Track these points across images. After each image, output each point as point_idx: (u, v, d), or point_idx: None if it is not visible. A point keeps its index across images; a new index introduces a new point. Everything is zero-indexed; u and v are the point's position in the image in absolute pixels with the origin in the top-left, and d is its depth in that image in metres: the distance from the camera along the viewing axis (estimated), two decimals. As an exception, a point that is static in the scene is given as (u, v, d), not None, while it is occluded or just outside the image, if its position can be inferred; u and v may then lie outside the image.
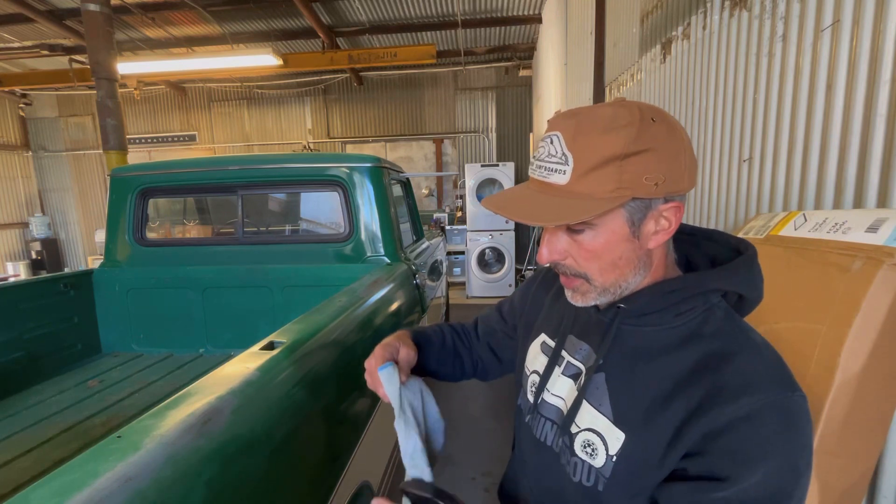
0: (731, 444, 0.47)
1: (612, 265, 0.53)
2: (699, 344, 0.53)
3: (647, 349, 0.56)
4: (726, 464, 0.47)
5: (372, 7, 5.85)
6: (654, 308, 0.56)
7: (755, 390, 0.48)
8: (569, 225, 0.52)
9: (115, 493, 0.51)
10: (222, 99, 8.58)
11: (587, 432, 0.57)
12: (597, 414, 0.57)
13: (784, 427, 0.47)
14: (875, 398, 0.86)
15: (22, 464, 1.31)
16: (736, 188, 1.61)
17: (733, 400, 0.48)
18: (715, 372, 0.50)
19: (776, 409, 0.47)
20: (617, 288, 0.55)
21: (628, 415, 0.54)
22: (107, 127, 4.13)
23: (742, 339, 0.53)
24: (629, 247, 0.53)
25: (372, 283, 1.64)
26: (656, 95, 2.35)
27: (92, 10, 3.94)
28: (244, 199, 2.28)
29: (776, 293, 1.12)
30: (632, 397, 0.55)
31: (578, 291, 0.57)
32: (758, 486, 0.46)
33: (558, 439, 0.62)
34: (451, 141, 8.29)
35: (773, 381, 0.49)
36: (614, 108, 0.50)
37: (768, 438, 0.46)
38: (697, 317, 0.55)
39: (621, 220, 0.51)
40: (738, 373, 0.50)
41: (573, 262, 0.55)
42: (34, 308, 1.97)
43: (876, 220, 0.91)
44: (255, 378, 0.82)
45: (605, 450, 0.55)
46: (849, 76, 1.11)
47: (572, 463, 0.59)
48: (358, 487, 1.15)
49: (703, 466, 0.48)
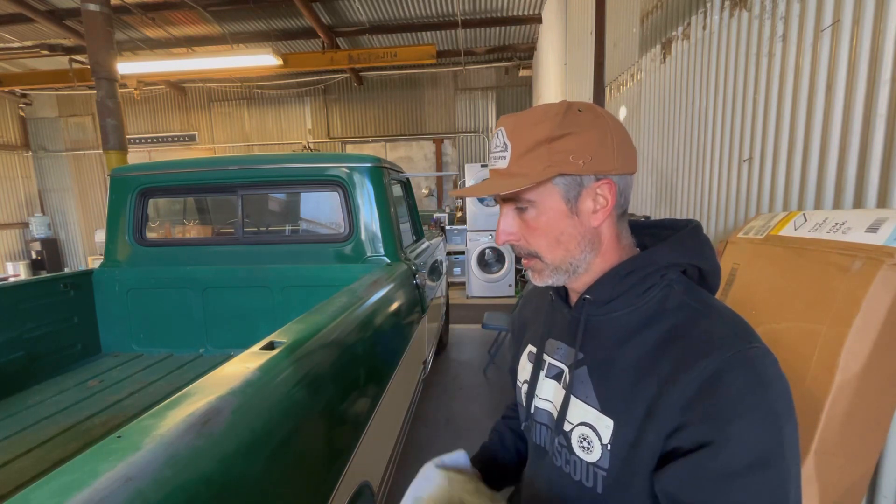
0: (706, 410, 0.48)
1: (556, 241, 0.58)
2: (664, 319, 0.56)
3: (619, 334, 0.58)
4: (708, 430, 0.48)
5: (372, 7, 5.85)
6: (617, 293, 0.59)
7: (715, 349, 0.49)
8: (516, 205, 0.59)
9: (115, 493, 0.51)
10: (222, 99, 8.58)
11: (581, 427, 0.58)
12: (586, 407, 0.58)
13: (752, 379, 0.48)
14: (875, 398, 0.86)
15: (22, 464, 1.31)
16: (736, 188, 1.61)
17: (697, 364, 0.49)
18: (679, 341, 0.53)
19: (739, 363, 0.48)
20: (567, 265, 0.59)
21: (612, 401, 0.56)
22: (107, 127, 4.13)
23: (702, 308, 0.56)
24: (570, 223, 0.58)
25: (372, 283, 1.64)
26: (656, 95, 2.35)
27: (92, 10, 3.94)
28: (244, 199, 2.28)
29: (776, 293, 1.12)
30: (612, 384, 0.57)
31: (535, 270, 0.62)
32: (744, 444, 0.46)
33: (555, 441, 0.63)
34: (451, 141, 8.29)
35: (730, 337, 0.51)
36: (548, 105, 0.57)
37: (740, 394, 0.47)
38: (658, 294, 0.58)
39: (557, 197, 0.57)
40: (699, 338, 0.52)
41: (524, 241, 0.60)
42: (34, 308, 1.97)
43: (876, 220, 0.91)
44: (255, 378, 0.82)
45: (598, 440, 0.56)
46: (849, 76, 1.11)
47: (572, 462, 0.60)
48: (358, 487, 1.15)
49: (688, 439, 0.49)
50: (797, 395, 0.94)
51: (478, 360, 3.73)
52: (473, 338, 4.34)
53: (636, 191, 2.71)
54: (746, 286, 1.26)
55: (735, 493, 0.47)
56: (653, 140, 2.41)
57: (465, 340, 4.27)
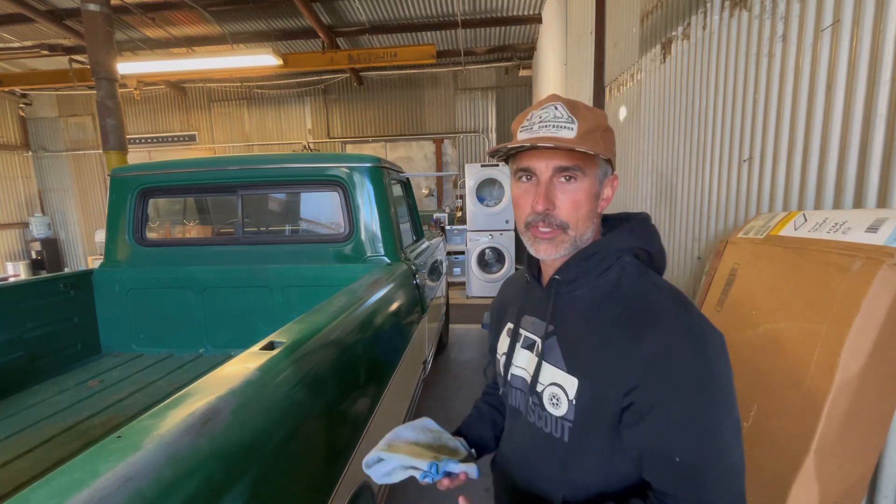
0: (656, 375, 0.58)
1: (586, 217, 0.68)
2: (620, 296, 0.66)
3: (583, 309, 0.69)
4: (658, 392, 0.58)
5: (372, 7, 5.85)
6: (581, 272, 0.69)
7: (661, 322, 0.60)
8: (566, 174, 0.66)
9: (115, 493, 0.51)
10: (222, 99, 8.58)
11: (551, 387, 0.68)
12: (555, 370, 0.68)
13: (692, 343, 0.58)
14: (875, 398, 0.86)
15: (22, 464, 1.31)
16: (736, 188, 1.61)
17: (648, 336, 0.60)
18: (635, 313, 0.63)
19: (681, 331, 0.59)
20: (582, 240, 0.69)
21: (577, 364, 0.66)
22: (107, 127, 4.13)
23: (650, 287, 0.66)
24: (594, 205, 0.68)
25: (372, 283, 1.64)
26: (656, 95, 2.35)
27: (92, 10, 3.94)
28: (244, 199, 2.28)
29: (776, 293, 1.12)
30: (578, 350, 0.67)
31: (555, 242, 0.68)
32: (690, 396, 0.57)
33: (529, 401, 0.73)
34: (451, 141, 8.29)
35: (673, 309, 0.61)
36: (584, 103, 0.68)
37: (685, 358, 0.58)
38: (614, 275, 0.68)
39: (596, 177, 0.67)
40: (648, 311, 0.62)
41: (560, 211, 0.67)
42: (34, 308, 1.97)
43: (876, 220, 0.91)
44: (255, 378, 0.82)
45: (566, 397, 0.66)
46: (849, 76, 1.11)
47: (543, 417, 0.70)
48: (358, 487, 1.15)
49: (644, 397, 0.59)
50: (797, 394, 0.95)
51: (478, 360, 3.73)
52: (473, 338, 4.34)
53: (636, 191, 2.71)
54: (746, 286, 1.26)
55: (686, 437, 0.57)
56: (653, 140, 2.41)
57: (465, 340, 4.27)
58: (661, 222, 2.32)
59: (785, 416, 0.97)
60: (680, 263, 2.09)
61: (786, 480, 0.90)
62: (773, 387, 1.03)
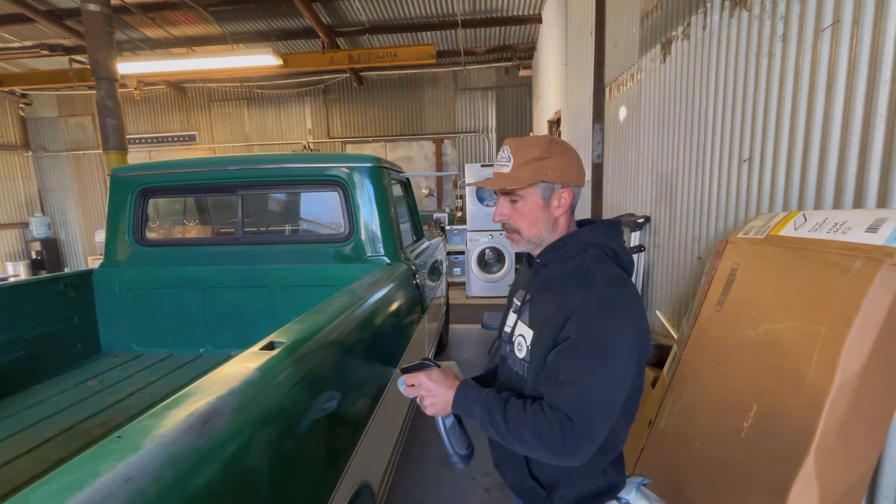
0: (572, 323, 0.78)
1: (533, 223, 0.89)
2: (572, 276, 0.85)
3: (548, 282, 0.89)
4: (570, 334, 0.78)
5: (372, 7, 5.85)
6: (553, 258, 0.90)
7: (588, 290, 0.80)
8: (511, 197, 0.90)
9: (115, 493, 0.51)
10: (222, 99, 8.58)
11: (518, 337, 0.91)
12: (522, 325, 0.91)
13: (601, 309, 0.78)
14: (875, 398, 0.86)
15: (22, 464, 1.31)
16: (736, 188, 1.61)
17: (575, 296, 0.80)
18: (573, 284, 0.83)
19: (597, 298, 0.79)
20: (538, 239, 0.91)
21: (535, 320, 0.88)
22: (107, 127, 4.13)
23: (596, 269, 0.83)
24: (543, 213, 0.89)
25: (372, 283, 1.64)
26: (656, 95, 2.35)
27: (92, 10, 3.94)
28: (244, 199, 2.28)
29: (776, 293, 1.12)
30: (538, 310, 0.88)
31: (514, 241, 0.93)
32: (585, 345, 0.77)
33: (506, 347, 0.96)
34: (451, 141, 8.29)
35: (601, 283, 0.80)
36: (536, 136, 0.89)
37: (592, 317, 0.78)
38: (577, 260, 0.87)
39: (538, 195, 0.88)
40: (583, 284, 0.81)
41: (512, 221, 0.91)
42: (34, 308, 1.97)
43: (876, 220, 0.91)
44: (255, 378, 0.82)
45: (525, 343, 0.88)
46: (849, 76, 1.11)
47: (513, 359, 0.93)
48: (358, 487, 1.15)
49: (562, 338, 0.80)
50: (797, 394, 0.95)
51: (478, 360, 3.73)
52: (473, 338, 4.34)
53: (636, 191, 2.72)
54: (746, 286, 1.26)
55: (571, 366, 0.77)
56: (653, 140, 2.41)
57: (465, 340, 4.27)
58: (661, 222, 2.32)
59: (785, 416, 0.97)
60: (680, 263, 2.09)
61: (786, 480, 0.90)
62: (773, 387, 1.03)
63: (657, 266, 2.39)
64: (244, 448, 0.71)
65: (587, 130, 3.67)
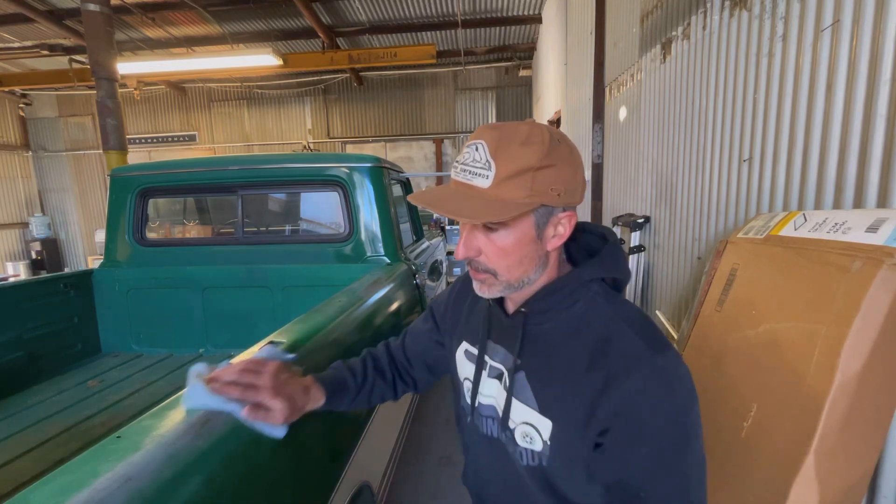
0: (631, 417, 0.56)
1: (518, 263, 0.61)
2: (589, 332, 0.62)
3: (552, 343, 0.65)
4: (632, 433, 0.57)
5: (372, 7, 5.85)
6: (547, 306, 0.65)
7: (637, 367, 0.57)
8: (487, 224, 0.59)
9: (115, 493, 0.51)
10: (222, 99, 8.58)
11: (523, 425, 0.66)
12: (526, 408, 0.65)
13: (664, 388, 0.56)
14: (875, 398, 0.86)
15: (22, 464, 1.31)
16: (736, 188, 1.61)
17: (625, 379, 0.57)
18: (607, 356, 0.59)
19: (655, 376, 0.57)
20: (520, 283, 0.63)
21: (550, 404, 0.63)
22: (107, 127, 4.13)
23: (620, 322, 0.62)
24: (533, 248, 0.61)
25: (372, 283, 1.64)
26: (656, 95, 2.35)
27: (92, 10, 3.94)
28: (244, 199, 2.28)
29: (776, 293, 1.12)
30: (549, 388, 0.63)
31: (486, 284, 0.64)
32: (659, 447, 0.56)
33: (502, 434, 0.70)
34: (451, 141, 8.29)
35: (648, 351, 0.58)
36: (529, 126, 0.57)
37: (657, 403, 0.56)
38: (583, 307, 0.64)
39: (530, 224, 0.59)
40: (623, 354, 0.58)
41: (485, 258, 0.61)
42: (34, 308, 1.97)
43: (876, 220, 0.91)
44: (255, 378, 0.81)
45: (539, 436, 0.64)
46: (849, 76, 1.11)
47: (518, 452, 0.68)
48: (358, 487, 1.15)
49: (615, 439, 0.58)
50: (797, 394, 0.94)
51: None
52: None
53: (636, 191, 2.71)
54: (746, 286, 1.26)
55: (653, 475, 0.57)
56: (653, 140, 2.41)
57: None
58: (661, 222, 2.32)
59: (785, 416, 0.97)
60: (680, 263, 2.09)
61: (786, 480, 0.90)
62: (773, 387, 1.03)
63: (657, 266, 2.39)
64: (244, 448, 0.71)
65: (587, 130, 3.67)
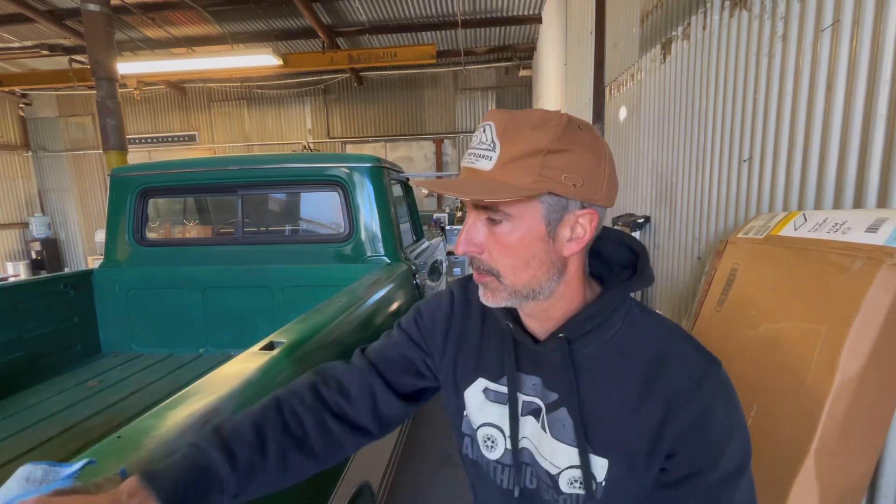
0: (700, 439, 0.53)
1: (524, 263, 0.53)
2: (636, 354, 0.57)
3: (594, 372, 0.58)
4: (702, 456, 0.53)
5: (372, 7, 5.85)
6: (586, 329, 0.57)
7: (698, 384, 0.53)
8: (489, 215, 0.53)
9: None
10: (222, 99, 8.58)
11: (570, 470, 0.58)
12: (571, 450, 0.57)
13: (728, 401, 0.54)
14: (875, 398, 0.86)
15: (22, 464, 1.31)
16: (736, 188, 1.61)
17: (688, 401, 0.53)
18: (665, 375, 0.55)
19: (718, 391, 0.54)
20: (529, 291, 0.55)
21: (604, 440, 0.56)
22: (107, 127, 4.13)
23: (667, 335, 0.57)
24: (543, 247, 0.53)
25: (372, 283, 1.64)
26: (656, 95, 2.35)
27: (92, 10, 3.94)
28: (244, 199, 2.28)
29: (776, 293, 1.12)
30: (599, 422, 0.56)
31: (489, 288, 0.56)
32: (732, 459, 0.53)
33: (541, 482, 0.61)
34: (451, 141, 8.29)
35: (707, 365, 0.55)
36: (547, 111, 0.52)
37: (725, 419, 0.53)
38: (620, 324, 0.58)
39: (538, 217, 0.52)
40: (684, 371, 0.54)
41: (488, 256, 0.54)
42: (34, 308, 1.97)
43: (876, 220, 0.91)
44: (255, 378, 0.82)
45: (594, 478, 0.56)
46: (849, 76, 1.11)
47: (561, 500, 0.59)
48: (358, 487, 1.15)
49: (684, 465, 0.54)
50: (797, 394, 0.95)
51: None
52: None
53: (636, 191, 2.71)
54: (746, 286, 1.26)
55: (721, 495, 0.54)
56: (653, 140, 2.41)
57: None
58: (661, 222, 2.32)
59: (785, 416, 0.97)
60: (680, 263, 2.09)
61: (786, 480, 0.90)
62: (773, 387, 1.03)
63: (657, 266, 2.39)
64: (244, 448, 0.71)
65: (587, 130, 3.66)
